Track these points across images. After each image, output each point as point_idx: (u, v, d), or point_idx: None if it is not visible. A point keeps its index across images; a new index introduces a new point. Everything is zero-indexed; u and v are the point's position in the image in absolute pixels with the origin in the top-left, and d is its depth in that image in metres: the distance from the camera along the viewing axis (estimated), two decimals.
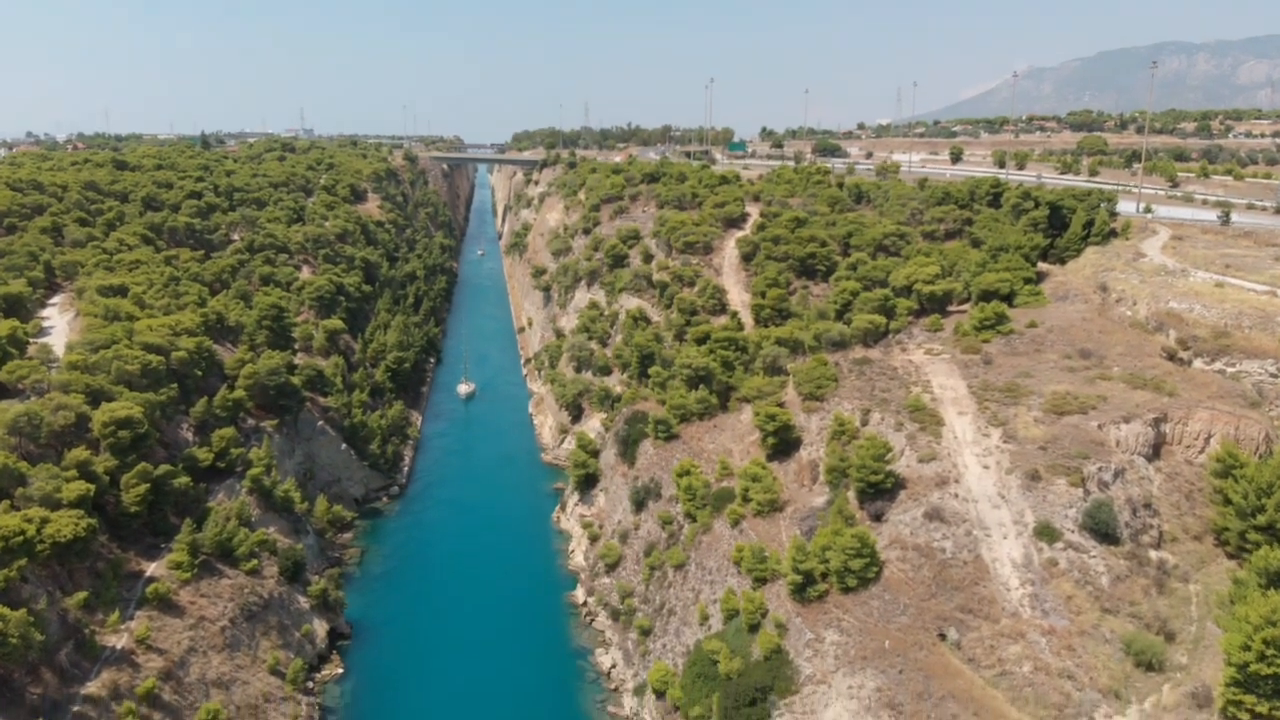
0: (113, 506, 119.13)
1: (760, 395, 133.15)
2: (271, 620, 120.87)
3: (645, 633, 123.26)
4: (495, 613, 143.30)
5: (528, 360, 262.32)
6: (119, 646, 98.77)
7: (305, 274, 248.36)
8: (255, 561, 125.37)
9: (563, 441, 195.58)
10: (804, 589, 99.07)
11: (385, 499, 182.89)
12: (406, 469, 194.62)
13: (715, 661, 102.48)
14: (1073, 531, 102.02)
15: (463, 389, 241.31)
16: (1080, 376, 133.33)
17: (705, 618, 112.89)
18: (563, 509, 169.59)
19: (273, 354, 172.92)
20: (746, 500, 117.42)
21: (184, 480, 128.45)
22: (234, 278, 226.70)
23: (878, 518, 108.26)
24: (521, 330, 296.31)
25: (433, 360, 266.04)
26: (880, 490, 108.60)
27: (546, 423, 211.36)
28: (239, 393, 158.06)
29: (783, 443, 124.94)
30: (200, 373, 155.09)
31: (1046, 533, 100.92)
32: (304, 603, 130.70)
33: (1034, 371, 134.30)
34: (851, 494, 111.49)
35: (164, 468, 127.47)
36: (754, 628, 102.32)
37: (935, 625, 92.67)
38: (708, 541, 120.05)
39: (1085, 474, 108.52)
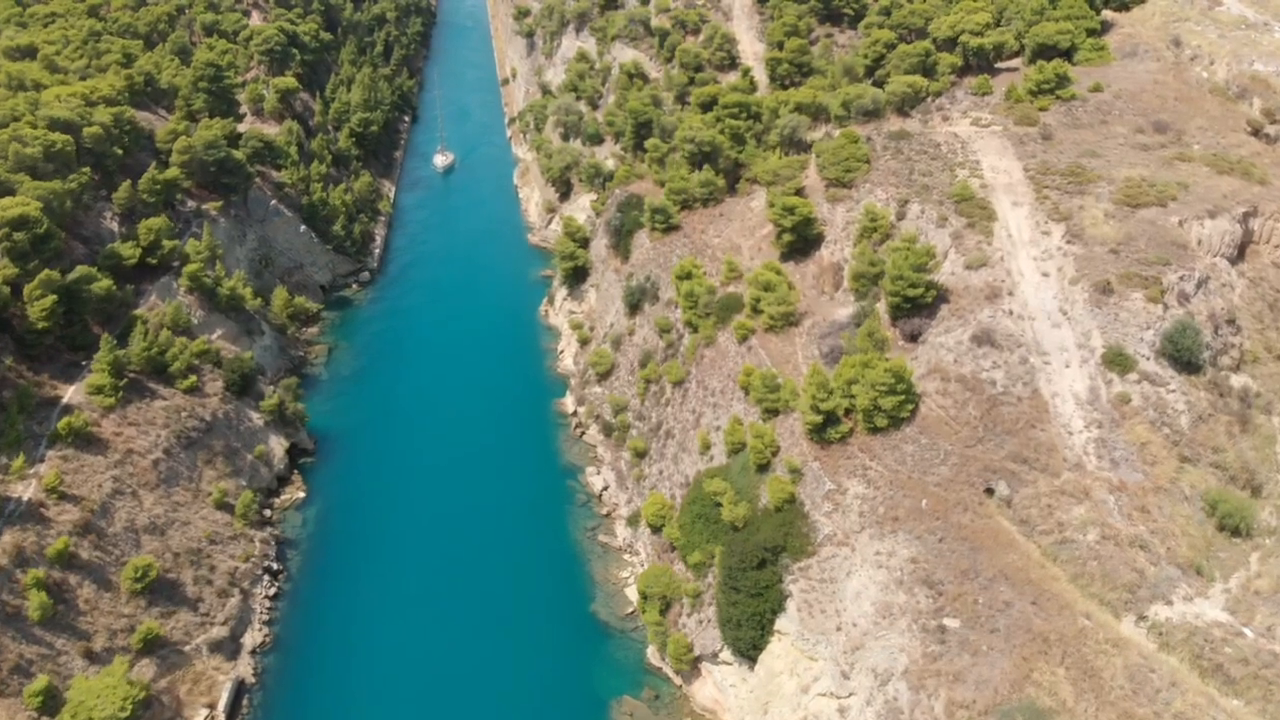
0: (19, 322, 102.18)
1: (776, 179, 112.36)
2: (216, 445, 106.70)
3: (640, 455, 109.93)
4: (478, 419, 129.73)
5: (512, 120, 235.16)
6: (25, 498, 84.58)
7: (255, 21, 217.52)
8: (194, 378, 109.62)
9: (550, 221, 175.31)
10: (824, 429, 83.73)
11: (355, 286, 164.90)
12: (378, 250, 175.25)
13: (718, 504, 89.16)
14: (1148, 359, 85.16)
15: (440, 160, 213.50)
16: (1155, 156, 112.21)
17: (707, 447, 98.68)
18: (550, 302, 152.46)
19: (211, 122, 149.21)
20: (757, 312, 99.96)
21: (104, 285, 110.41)
22: (171, 29, 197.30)
23: (914, 338, 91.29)
24: (506, 82, 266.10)
25: (407, 119, 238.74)
26: (918, 305, 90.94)
27: (533, 198, 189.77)
28: (172, 171, 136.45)
29: (801, 240, 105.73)
30: (121, 150, 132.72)
31: (1118, 361, 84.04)
32: (256, 419, 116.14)
33: (1101, 149, 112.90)
34: (883, 307, 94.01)
35: (79, 270, 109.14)
36: (763, 468, 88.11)
37: (982, 478, 77.86)
38: (711, 357, 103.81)
39: (1165, 285, 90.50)
